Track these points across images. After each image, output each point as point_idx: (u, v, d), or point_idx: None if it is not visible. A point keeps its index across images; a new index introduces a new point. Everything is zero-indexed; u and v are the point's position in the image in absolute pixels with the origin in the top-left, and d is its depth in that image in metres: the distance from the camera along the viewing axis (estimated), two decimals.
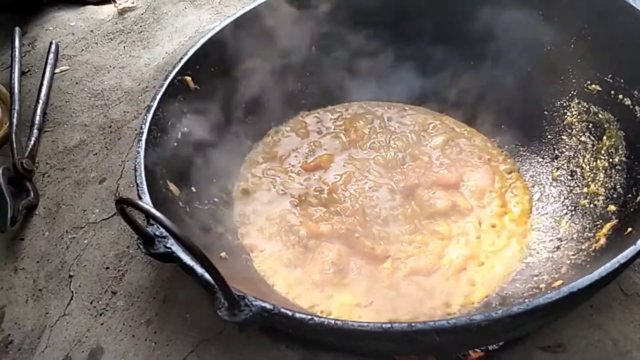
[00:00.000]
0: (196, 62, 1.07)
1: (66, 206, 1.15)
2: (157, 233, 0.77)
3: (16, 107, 1.29)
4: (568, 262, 0.90)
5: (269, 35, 1.15)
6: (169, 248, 0.76)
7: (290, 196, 1.10)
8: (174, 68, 1.04)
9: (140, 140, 0.93)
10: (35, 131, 1.27)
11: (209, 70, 1.09)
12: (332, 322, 0.70)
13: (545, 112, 1.10)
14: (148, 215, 0.66)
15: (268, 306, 0.70)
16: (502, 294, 0.93)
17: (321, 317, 0.71)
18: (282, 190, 1.11)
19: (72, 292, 1.02)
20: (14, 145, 1.21)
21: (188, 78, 1.05)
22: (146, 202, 0.84)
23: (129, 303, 0.99)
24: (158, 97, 0.99)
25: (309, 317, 0.71)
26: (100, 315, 0.99)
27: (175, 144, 1.01)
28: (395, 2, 1.20)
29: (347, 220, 1.03)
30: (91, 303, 1.00)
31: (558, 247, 0.95)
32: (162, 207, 0.87)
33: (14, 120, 1.26)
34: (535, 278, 0.91)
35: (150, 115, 0.96)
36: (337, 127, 1.22)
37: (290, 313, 0.71)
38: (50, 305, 1.01)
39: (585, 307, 0.90)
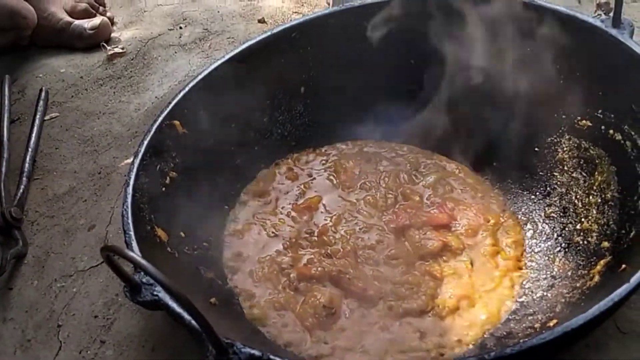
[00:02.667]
0: (184, 106, 1.06)
1: (55, 254, 1.14)
2: (144, 280, 0.76)
3: (5, 155, 1.29)
4: (562, 300, 0.89)
5: (258, 77, 1.15)
6: (156, 295, 0.75)
7: (281, 239, 1.09)
8: (161, 112, 1.03)
9: (128, 186, 0.92)
10: (24, 179, 1.26)
11: (198, 114, 1.09)
12: None
13: (537, 149, 1.10)
14: (133, 263, 0.65)
15: (257, 353, 0.69)
16: (497, 334, 0.91)
17: None
18: (272, 233, 1.10)
19: (61, 342, 1.00)
20: (2, 194, 1.20)
21: (176, 122, 1.05)
22: (133, 249, 0.83)
23: (117, 352, 0.97)
24: (145, 142, 0.98)
25: None
26: None
27: (164, 188, 1.00)
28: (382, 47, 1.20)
29: (339, 262, 1.02)
30: (80, 353, 0.98)
31: (552, 286, 0.94)
32: (150, 253, 0.85)
33: (3, 169, 1.25)
34: (530, 317, 0.90)
35: (137, 161, 0.96)
36: (327, 169, 1.21)
37: None
38: (39, 356, 0.99)
39: (581, 347, 0.89)
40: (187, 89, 1.08)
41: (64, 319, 1.04)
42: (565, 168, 1.06)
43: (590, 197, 1.00)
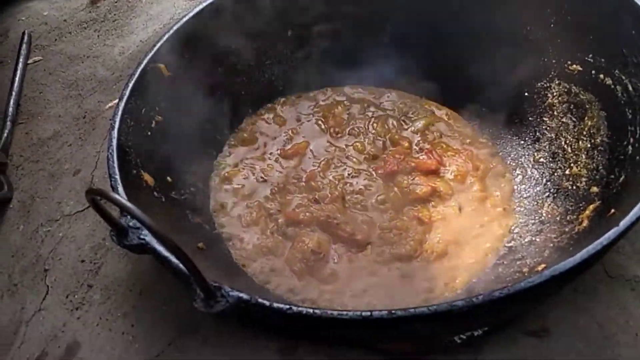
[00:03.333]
0: (170, 49, 1.04)
1: (40, 199, 1.13)
2: (131, 224, 0.75)
3: None
4: (551, 245, 0.89)
5: (243, 20, 1.13)
6: (143, 239, 0.74)
7: (269, 184, 1.08)
8: (146, 56, 1.01)
9: (113, 130, 0.91)
10: (8, 123, 1.25)
11: (183, 57, 1.07)
12: (311, 311, 0.69)
13: (526, 94, 1.09)
14: (119, 206, 0.65)
15: (245, 296, 0.69)
16: (485, 278, 0.92)
17: (299, 306, 0.69)
18: (260, 178, 1.09)
19: (48, 286, 1.00)
20: None
21: (161, 65, 1.03)
22: (119, 193, 0.82)
23: (105, 296, 0.97)
24: (130, 85, 0.97)
25: (287, 306, 0.69)
26: (77, 309, 0.97)
27: (150, 132, 0.99)
28: None
29: (327, 207, 1.01)
30: (67, 297, 0.98)
31: (541, 231, 0.94)
32: (137, 197, 0.85)
33: None
34: (518, 262, 0.90)
35: (122, 104, 0.94)
36: (315, 114, 1.20)
37: (267, 303, 0.69)
38: (25, 300, 0.99)
39: (569, 291, 0.89)
40: (171, 31, 1.06)
41: (50, 263, 1.03)
42: (555, 113, 1.05)
43: (580, 142, 0.99)
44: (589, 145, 0.97)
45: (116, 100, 0.96)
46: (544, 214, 0.97)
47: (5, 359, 0.93)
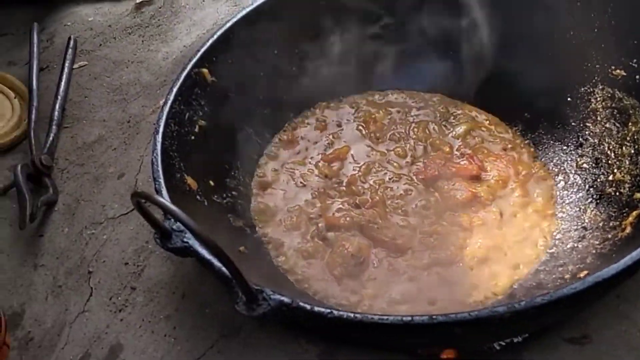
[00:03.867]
0: (213, 54, 1.06)
1: (85, 202, 1.15)
2: (174, 227, 0.76)
3: (35, 103, 1.29)
4: (594, 251, 0.88)
5: (286, 25, 1.14)
6: (186, 242, 0.75)
7: (309, 188, 1.09)
8: (190, 61, 1.03)
9: (157, 134, 0.92)
10: (54, 127, 1.27)
11: (227, 62, 1.08)
12: (352, 315, 0.69)
13: (569, 99, 1.08)
14: (164, 209, 0.66)
15: (286, 300, 0.70)
16: (526, 285, 0.91)
17: (340, 310, 0.70)
18: (301, 182, 1.10)
19: (92, 288, 1.02)
20: (33, 142, 1.20)
21: (205, 71, 1.04)
22: (163, 196, 0.83)
23: (148, 299, 0.99)
24: (174, 90, 0.98)
25: (328, 310, 0.70)
26: (120, 311, 0.98)
27: (193, 137, 1.00)
28: None
29: (367, 212, 1.02)
30: (110, 299, 1.00)
31: (583, 237, 0.94)
32: (180, 201, 0.86)
33: (33, 117, 1.26)
34: (560, 268, 0.89)
35: (166, 109, 0.95)
36: (356, 119, 1.20)
37: (308, 307, 0.70)
38: (69, 302, 1.01)
39: (611, 297, 0.88)
40: (215, 37, 1.07)
41: (94, 265, 1.05)
42: (598, 118, 1.04)
43: (624, 148, 0.98)
44: (632, 151, 0.96)
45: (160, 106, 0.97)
46: (587, 220, 0.96)
47: None
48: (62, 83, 1.36)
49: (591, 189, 1.00)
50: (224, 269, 0.66)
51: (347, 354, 0.87)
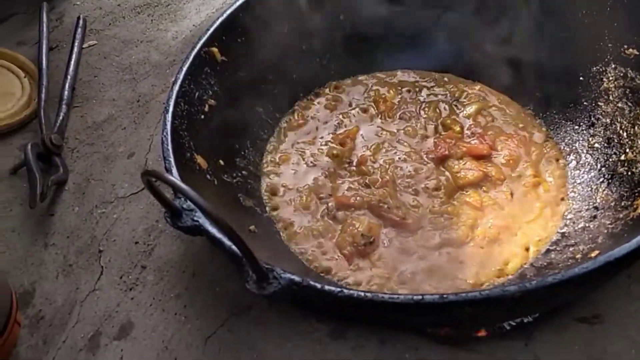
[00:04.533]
0: (222, 33, 1.05)
1: (95, 181, 1.15)
2: (185, 206, 0.76)
3: (44, 82, 1.29)
4: (605, 231, 0.88)
5: (296, 3, 1.13)
6: (197, 221, 0.75)
7: (319, 168, 1.09)
8: (199, 40, 1.02)
9: (167, 113, 0.92)
10: (64, 106, 1.27)
11: (236, 41, 1.07)
12: (362, 294, 0.69)
13: (581, 78, 1.07)
14: (174, 188, 0.66)
15: (297, 279, 0.70)
16: (537, 264, 0.91)
17: (350, 289, 0.70)
18: (311, 162, 1.10)
19: (102, 267, 1.02)
20: (43, 121, 1.20)
21: (214, 49, 1.04)
22: (173, 175, 0.83)
23: (158, 277, 0.99)
24: (184, 69, 0.98)
25: (339, 289, 0.70)
26: (130, 289, 0.98)
27: (203, 116, 1.00)
28: None
29: (377, 192, 1.01)
30: (121, 278, 1.00)
31: (595, 217, 0.93)
32: (190, 180, 0.86)
33: (43, 96, 1.26)
34: (571, 248, 0.89)
35: (176, 88, 0.95)
36: (366, 98, 1.20)
37: (319, 286, 0.70)
38: (80, 281, 1.01)
39: (622, 277, 0.88)
40: (224, 16, 1.06)
41: (104, 244, 1.05)
42: (611, 98, 1.03)
43: (636, 128, 0.97)
44: None
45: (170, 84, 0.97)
46: (598, 200, 0.96)
47: (60, 338, 0.95)
48: (72, 62, 1.36)
49: (603, 169, 0.99)
50: (234, 247, 0.66)
51: (357, 333, 0.87)
